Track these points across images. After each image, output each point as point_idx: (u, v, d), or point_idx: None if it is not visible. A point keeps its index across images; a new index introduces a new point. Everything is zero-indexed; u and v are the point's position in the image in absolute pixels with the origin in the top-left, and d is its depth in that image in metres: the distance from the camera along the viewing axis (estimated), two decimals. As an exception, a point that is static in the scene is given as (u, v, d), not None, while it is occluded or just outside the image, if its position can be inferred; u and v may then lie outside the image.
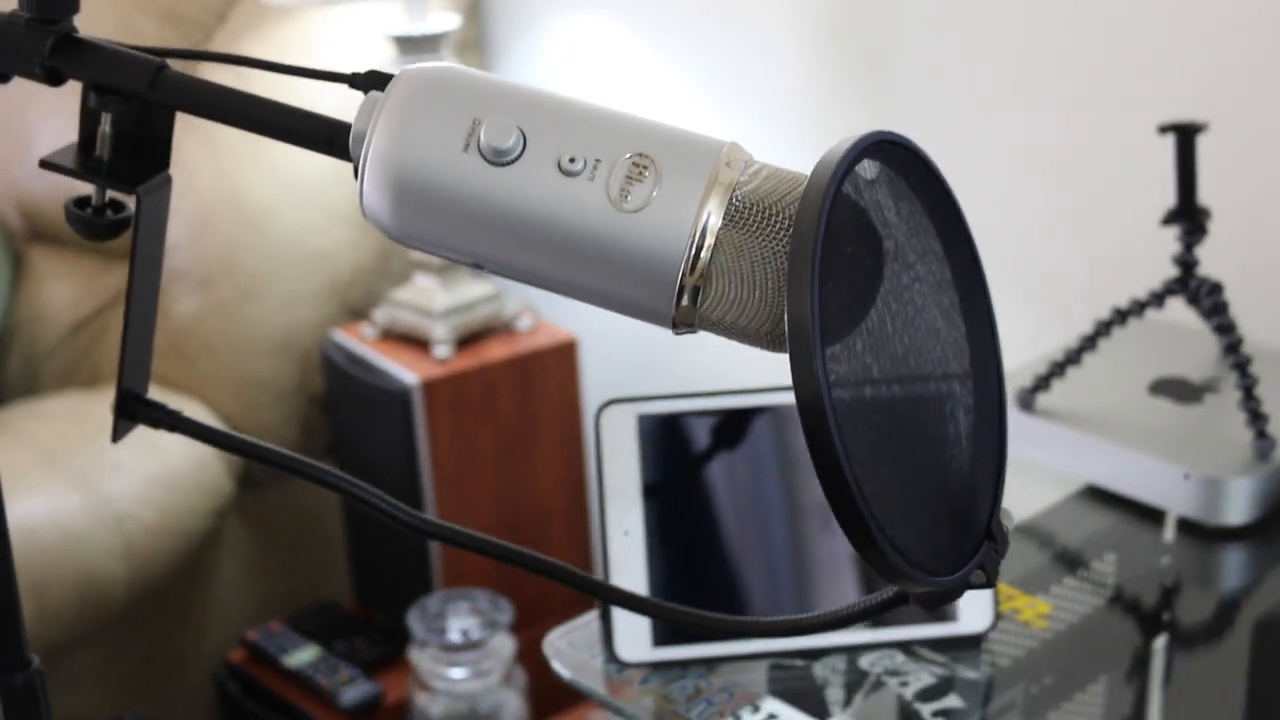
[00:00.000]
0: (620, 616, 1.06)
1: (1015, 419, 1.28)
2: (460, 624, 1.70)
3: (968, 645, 1.08)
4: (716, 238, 0.62)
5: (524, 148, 0.63)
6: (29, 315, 2.09)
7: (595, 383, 2.11)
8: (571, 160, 0.63)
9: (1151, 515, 1.23)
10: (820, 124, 1.73)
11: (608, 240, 0.63)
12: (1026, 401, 1.28)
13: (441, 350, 1.77)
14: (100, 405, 1.91)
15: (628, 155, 0.63)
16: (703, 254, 0.62)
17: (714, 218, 0.62)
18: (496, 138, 0.62)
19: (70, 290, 2.08)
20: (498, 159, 0.62)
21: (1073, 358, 1.27)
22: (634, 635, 1.06)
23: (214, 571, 1.93)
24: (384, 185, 0.63)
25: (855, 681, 1.06)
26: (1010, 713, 1.05)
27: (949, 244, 0.67)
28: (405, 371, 1.75)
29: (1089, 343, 1.27)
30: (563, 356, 1.83)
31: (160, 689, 1.90)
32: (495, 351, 1.80)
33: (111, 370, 1.99)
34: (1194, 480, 1.19)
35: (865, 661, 1.07)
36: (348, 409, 1.86)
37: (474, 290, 1.82)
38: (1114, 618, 1.16)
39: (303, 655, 1.81)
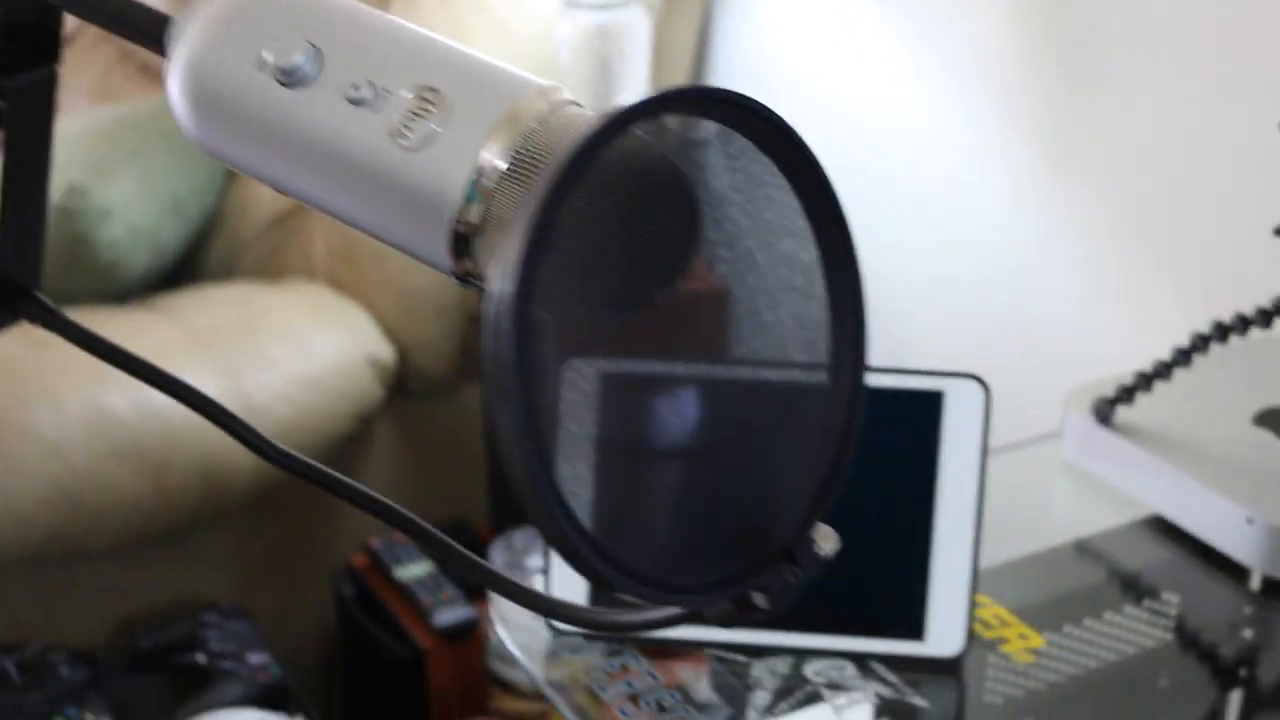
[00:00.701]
0: (558, 580, 0.99)
1: (1088, 430, 1.15)
2: (540, 561, 1.65)
3: (933, 669, 0.97)
4: (495, 186, 0.54)
5: (320, 71, 0.57)
6: (237, 205, 2.12)
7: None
8: (357, 88, 0.56)
9: (1231, 563, 1.08)
10: (1018, 90, 1.61)
11: (384, 179, 0.56)
12: (1104, 414, 1.15)
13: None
14: (270, 298, 1.93)
15: (415, 88, 0.56)
16: (475, 204, 0.54)
17: (497, 164, 0.54)
18: (285, 57, 0.57)
19: (276, 183, 2.10)
20: (287, 79, 0.57)
21: (1161, 372, 1.13)
22: (570, 596, 0.98)
23: (355, 474, 1.92)
24: (183, 91, 0.59)
25: (790, 688, 0.96)
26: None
27: (820, 229, 0.58)
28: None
29: (1182, 358, 1.12)
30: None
31: (286, 582, 1.91)
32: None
33: (299, 267, 2.00)
34: (1258, 525, 1.04)
35: (812, 669, 0.97)
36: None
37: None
38: (1122, 668, 1.02)
39: (414, 569, 1.79)
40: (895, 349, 1.80)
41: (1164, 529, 1.11)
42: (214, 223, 2.12)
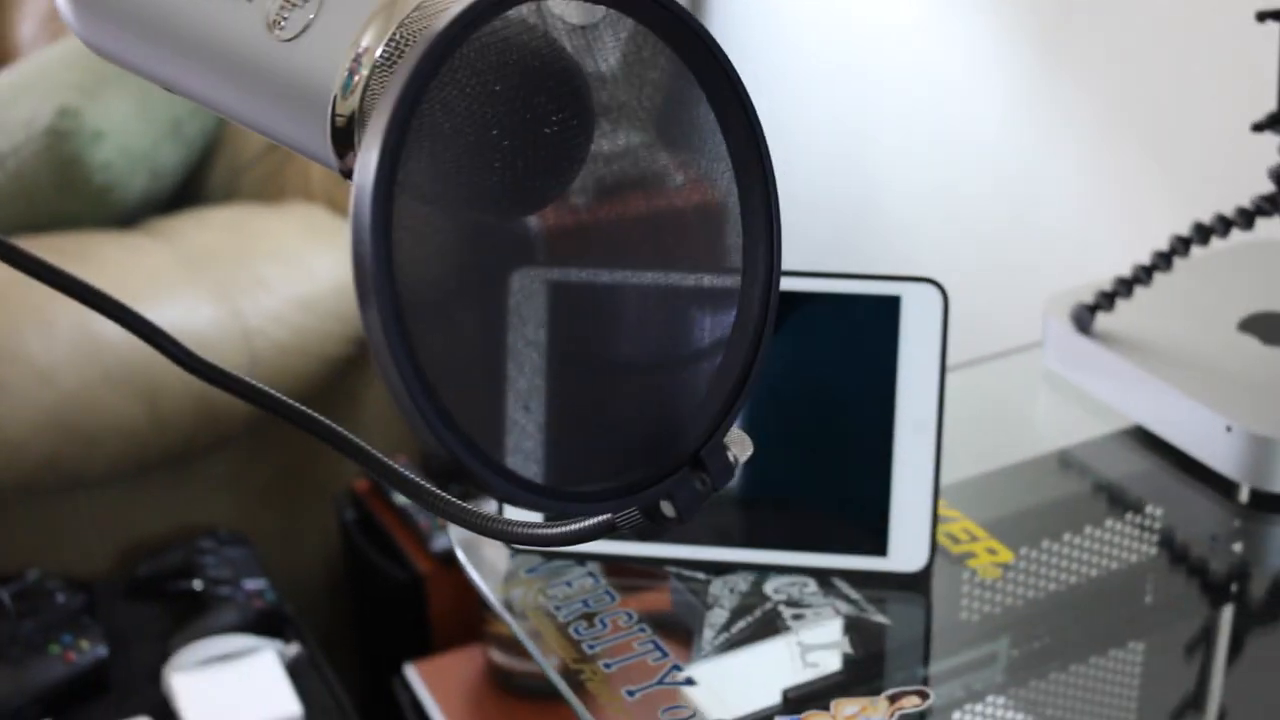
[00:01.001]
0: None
1: (1067, 338, 1.12)
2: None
3: (897, 585, 0.94)
4: (370, 75, 0.52)
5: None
6: (238, 126, 2.09)
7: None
8: (234, -25, 0.54)
9: (1218, 475, 1.04)
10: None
11: (264, 72, 0.54)
12: (1083, 321, 1.11)
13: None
14: (267, 220, 1.91)
15: None
16: (352, 96, 0.52)
17: (375, 53, 0.52)
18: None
19: (279, 103, 2.08)
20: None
21: (1141, 277, 1.09)
22: (527, 517, 0.97)
23: (359, 398, 1.91)
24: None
25: (748, 606, 0.94)
26: (911, 669, 0.91)
27: (726, 122, 0.55)
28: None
29: (1162, 261, 1.08)
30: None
31: (288, 507, 1.90)
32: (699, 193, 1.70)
33: (298, 189, 1.98)
34: (1236, 434, 1.00)
35: (771, 586, 0.95)
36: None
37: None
38: (1103, 584, 0.99)
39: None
40: (891, 257, 1.76)
41: (1147, 440, 1.08)
42: (214, 145, 2.10)
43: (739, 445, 0.55)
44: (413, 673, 1.64)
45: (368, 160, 0.45)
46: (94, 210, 1.85)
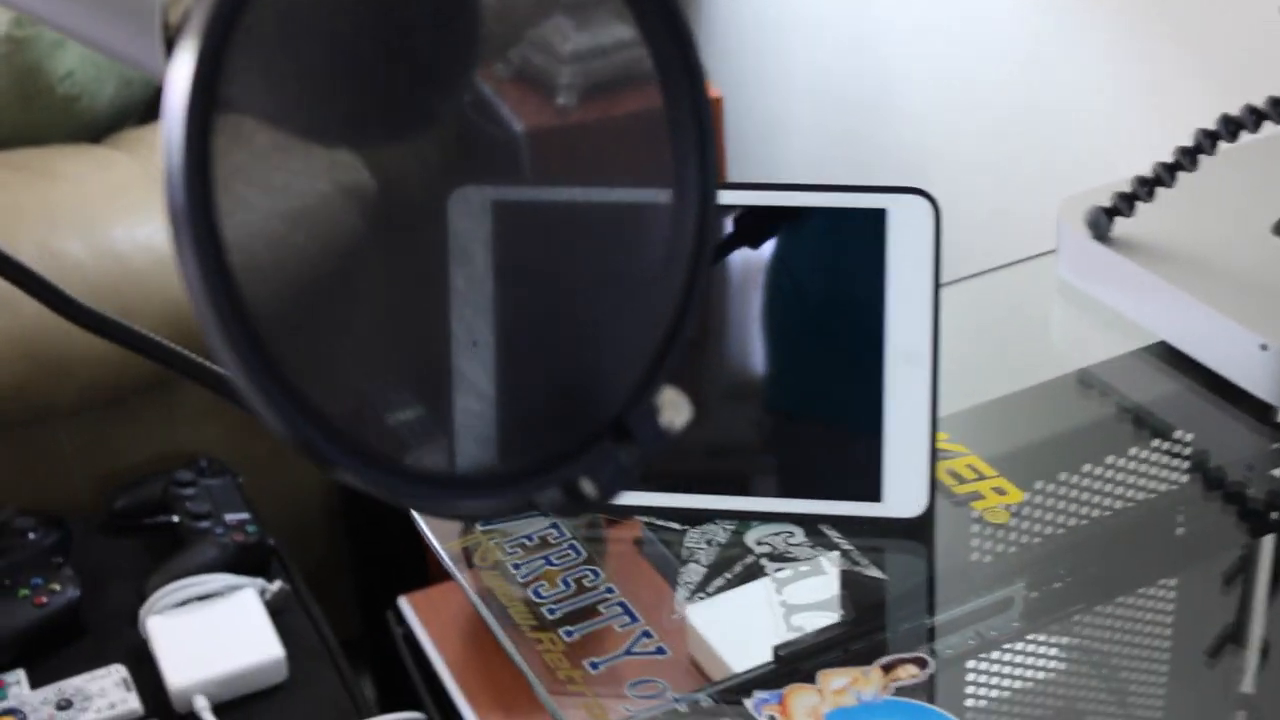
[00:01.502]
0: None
1: (1083, 246, 1.01)
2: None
3: (894, 533, 0.85)
4: None
5: None
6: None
7: (747, 161, 1.89)
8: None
9: (1252, 395, 0.94)
10: None
11: None
12: (1100, 226, 1.01)
13: (564, 98, 1.58)
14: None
15: None
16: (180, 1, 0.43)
17: None
18: None
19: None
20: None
21: (1163, 177, 0.98)
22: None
23: (344, 313, 1.82)
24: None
25: (727, 560, 0.84)
26: (915, 620, 0.82)
27: (645, 21, 0.46)
28: (517, 120, 1.57)
29: (1186, 158, 0.98)
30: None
31: (280, 430, 1.81)
32: (626, 104, 1.59)
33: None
34: (1273, 352, 0.90)
35: (753, 536, 0.86)
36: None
37: (614, 34, 1.61)
38: (1131, 517, 0.90)
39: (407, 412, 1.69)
40: (899, 150, 1.65)
41: (1173, 358, 0.98)
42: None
43: (673, 408, 0.45)
44: (406, 605, 1.56)
45: (179, 69, 0.36)
46: (60, 122, 1.75)
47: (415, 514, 0.90)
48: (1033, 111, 1.46)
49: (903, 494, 0.84)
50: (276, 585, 1.46)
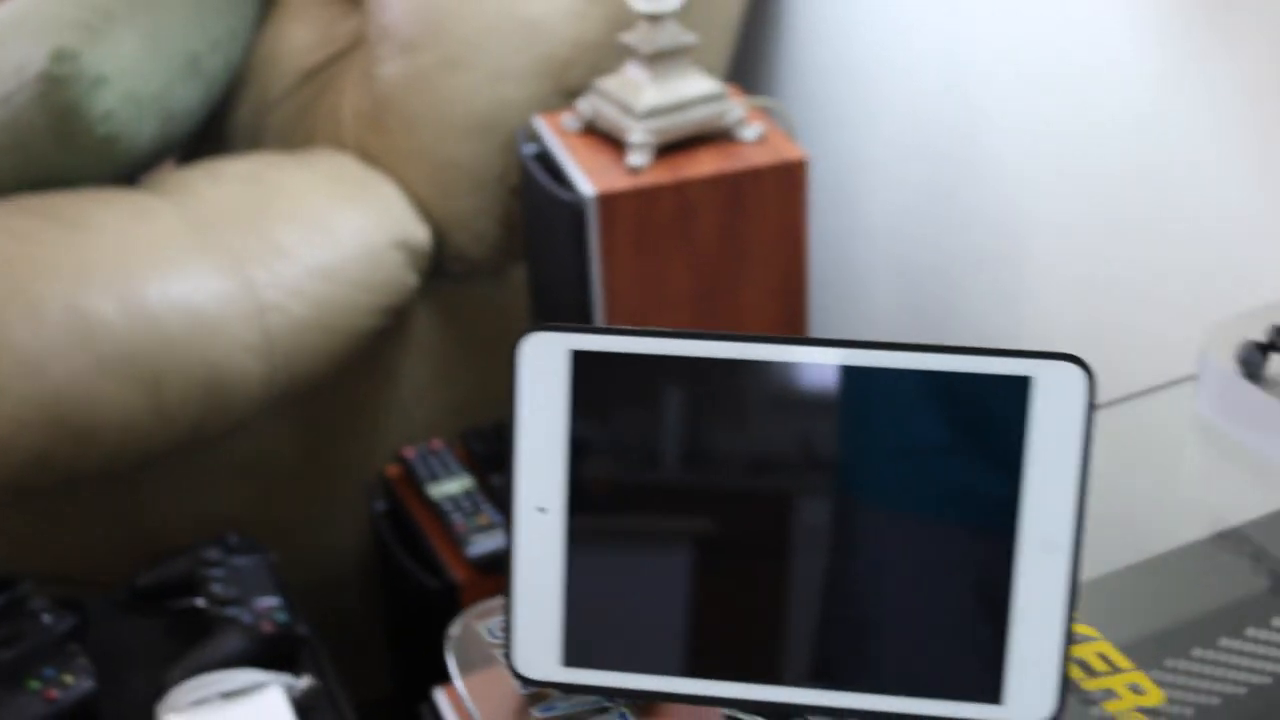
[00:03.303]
0: (525, 613, 0.76)
1: (1230, 383, 0.89)
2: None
3: (1016, 739, 0.73)
4: None
5: None
6: (265, 56, 1.88)
7: (827, 214, 1.76)
8: None
9: None
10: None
11: None
12: (1252, 362, 0.88)
13: (635, 158, 1.46)
14: (287, 173, 1.70)
15: None
16: None
17: None
18: None
19: (308, 33, 1.86)
20: None
21: (1329, 311, 0.86)
22: (540, 642, 0.76)
23: (393, 374, 1.71)
24: None
25: (822, 769, 0.72)
26: None
27: None
28: (584, 179, 1.45)
29: (1356, 293, 0.85)
30: (787, 178, 1.48)
31: (318, 493, 1.70)
32: (702, 165, 1.47)
33: (325, 134, 1.77)
34: None
35: (850, 740, 0.73)
36: (532, 213, 1.58)
37: (692, 87, 1.49)
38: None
39: (450, 485, 1.58)
40: (997, 220, 1.52)
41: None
42: (238, 81, 1.88)
43: None
44: (442, 698, 1.45)
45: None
46: (98, 163, 1.65)
47: (463, 690, 0.78)
48: (1151, 181, 1.33)
49: (1028, 696, 0.72)
50: (305, 681, 1.35)
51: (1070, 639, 0.71)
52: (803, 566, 0.73)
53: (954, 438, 0.71)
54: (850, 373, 0.72)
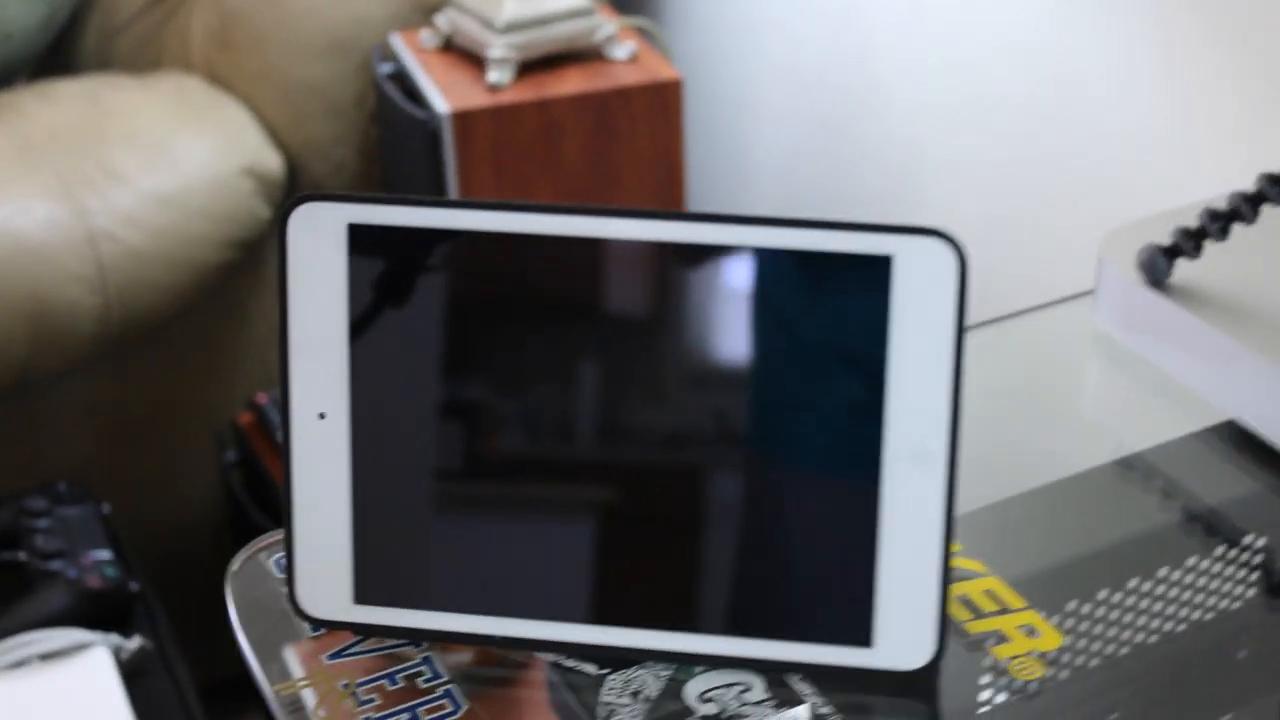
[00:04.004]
0: (307, 540, 0.64)
1: (1132, 294, 0.79)
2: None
3: (887, 690, 0.63)
4: None
5: None
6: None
7: (709, 149, 1.65)
8: None
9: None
10: None
11: None
12: (1156, 269, 0.78)
13: (495, 75, 1.34)
14: (127, 94, 1.57)
15: None
16: None
17: None
18: None
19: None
20: None
21: (1241, 210, 0.76)
22: (327, 576, 0.64)
23: (247, 310, 1.59)
24: None
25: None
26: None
27: None
28: (439, 97, 1.33)
29: (1273, 188, 0.75)
30: (660, 100, 1.37)
31: (164, 443, 1.58)
32: (568, 83, 1.36)
33: (173, 58, 1.64)
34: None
35: (694, 688, 0.63)
36: (388, 135, 1.46)
37: (557, 1, 1.37)
38: (1192, 653, 0.67)
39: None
40: (889, 158, 1.42)
41: (1244, 441, 0.76)
42: (84, 4, 1.75)
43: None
44: (291, 655, 1.33)
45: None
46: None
47: (241, 632, 0.67)
48: (1048, 106, 1.23)
49: (902, 637, 0.61)
50: (135, 643, 1.23)
51: (949, 572, 0.61)
52: (631, 477, 0.62)
53: (804, 334, 0.61)
54: (677, 251, 0.60)
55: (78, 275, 1.39)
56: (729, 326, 0.61)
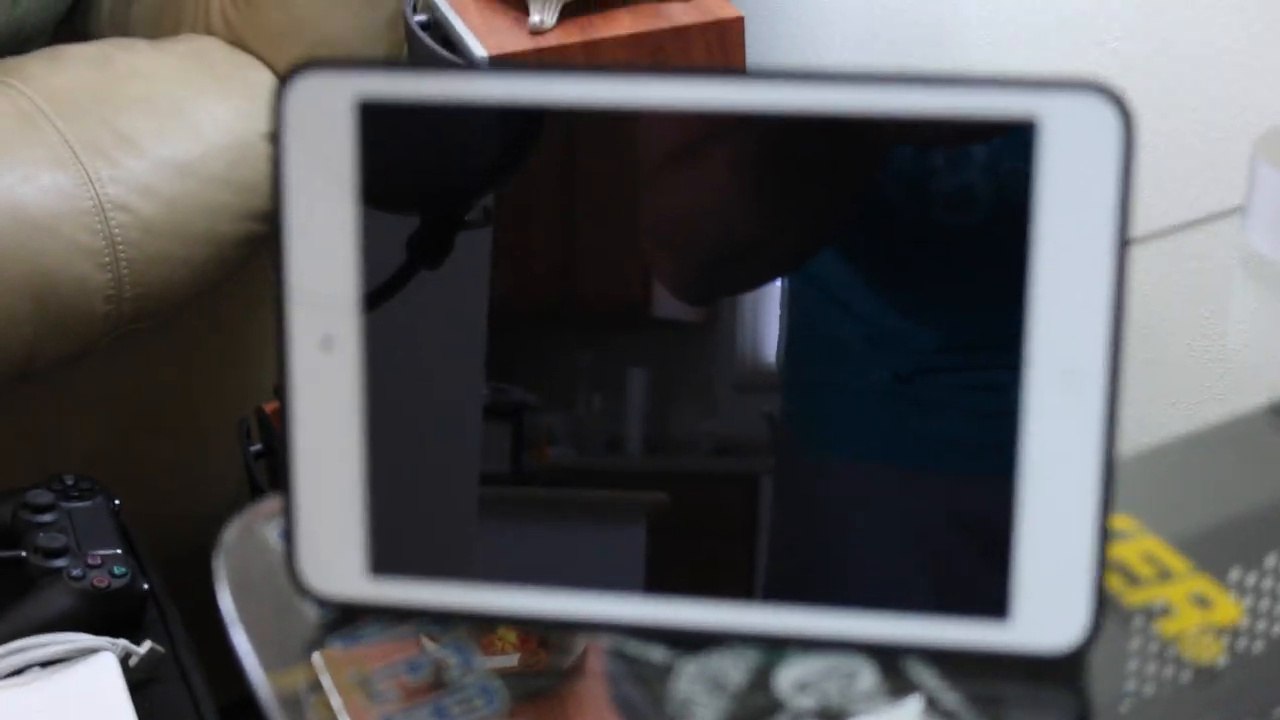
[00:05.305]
0: (311, 500, 0.52)
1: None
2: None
3: (1027, 674, 0.50)
4: None
5: None
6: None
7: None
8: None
9: None
10: None
11: None
12: None
13: (538, 16, 1.22)
14: (143, 57, 1.46)
15: None
16: None
17: None
18: None
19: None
20: None
21: None
22: (335, 543, 0.52)
23: (261, 289, 1.48)
24: None
25: (748, 717, 0.49)
26: None
27: None
28: (476, 42, 1.22)
29: None
30: (720, 40, 1.25)
31: (184, 433, 1.47)
32: (617, 24, 1.24)
33: (195, 19, 1.53)
34: None
35: (786, 676, 0.50)
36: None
37: (604, -62, 1.26)
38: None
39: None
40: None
41: None
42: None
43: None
44: (319, 662, 1.22)
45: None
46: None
47: (234, 618, 0.55)
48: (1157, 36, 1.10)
49: (1045, 610, 0.49)
50: (145, 648, 1.12)
51: (1107, 526, 0.48)
52: (710, 417, 0.50)
53: (930, 221, 0.48)
54: (758, 125, 0.48)
55: (87, 248, 1.28)
56: (838, 221, 0.49)
